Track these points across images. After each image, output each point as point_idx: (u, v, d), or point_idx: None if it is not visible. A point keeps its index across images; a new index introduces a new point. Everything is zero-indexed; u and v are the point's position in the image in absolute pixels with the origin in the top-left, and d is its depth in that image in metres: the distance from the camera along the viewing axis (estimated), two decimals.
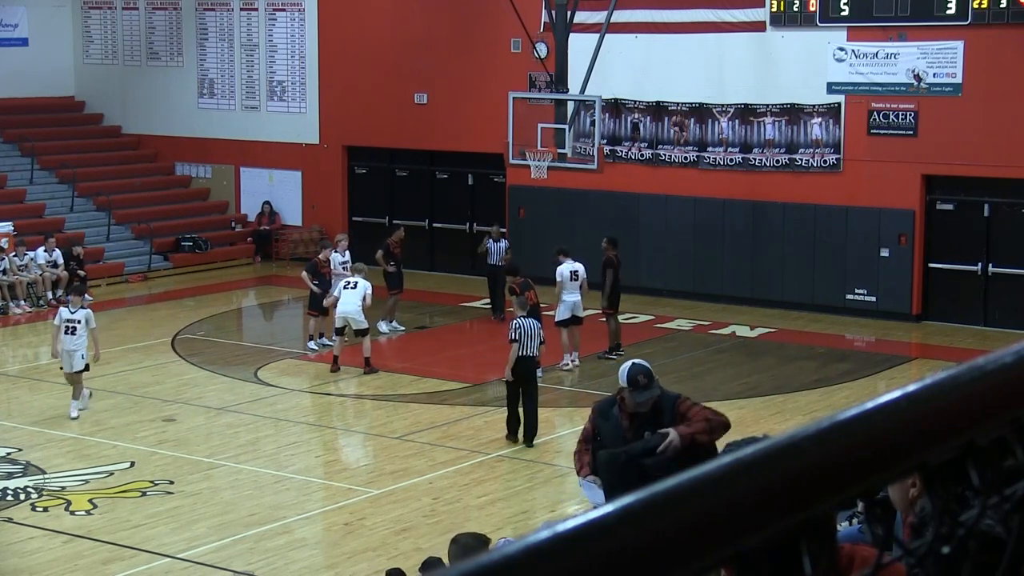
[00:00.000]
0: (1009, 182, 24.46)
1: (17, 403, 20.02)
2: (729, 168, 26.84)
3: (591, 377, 21.29)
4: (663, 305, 26.50)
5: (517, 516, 15.35)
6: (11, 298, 26.85)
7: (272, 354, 23.18)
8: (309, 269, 23.16)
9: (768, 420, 18.26)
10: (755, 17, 26.25)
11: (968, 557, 1.32)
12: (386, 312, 24.47)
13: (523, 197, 28.68)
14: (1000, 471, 1.34)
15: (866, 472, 1.27)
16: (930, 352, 23.40)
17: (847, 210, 25.66)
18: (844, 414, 1.27)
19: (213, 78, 33.53)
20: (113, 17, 34.87)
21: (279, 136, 32.46)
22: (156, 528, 14.79)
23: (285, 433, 18.67)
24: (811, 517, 1.20)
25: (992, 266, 25.02)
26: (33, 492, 16.02)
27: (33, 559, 13.92)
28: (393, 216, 30.64)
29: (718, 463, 1.18)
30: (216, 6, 33.29)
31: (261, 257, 32.17)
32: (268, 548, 14.16)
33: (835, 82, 25.68)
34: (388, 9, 30.52)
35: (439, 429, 18.60)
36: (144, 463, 17.06)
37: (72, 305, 19.26)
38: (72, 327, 18.88)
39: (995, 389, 1.37)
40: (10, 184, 31.38)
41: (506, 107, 25.57)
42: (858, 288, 25.76)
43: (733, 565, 1.18)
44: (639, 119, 27.66)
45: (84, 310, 19.23)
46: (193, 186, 34.05)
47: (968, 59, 24.45)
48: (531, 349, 17.52)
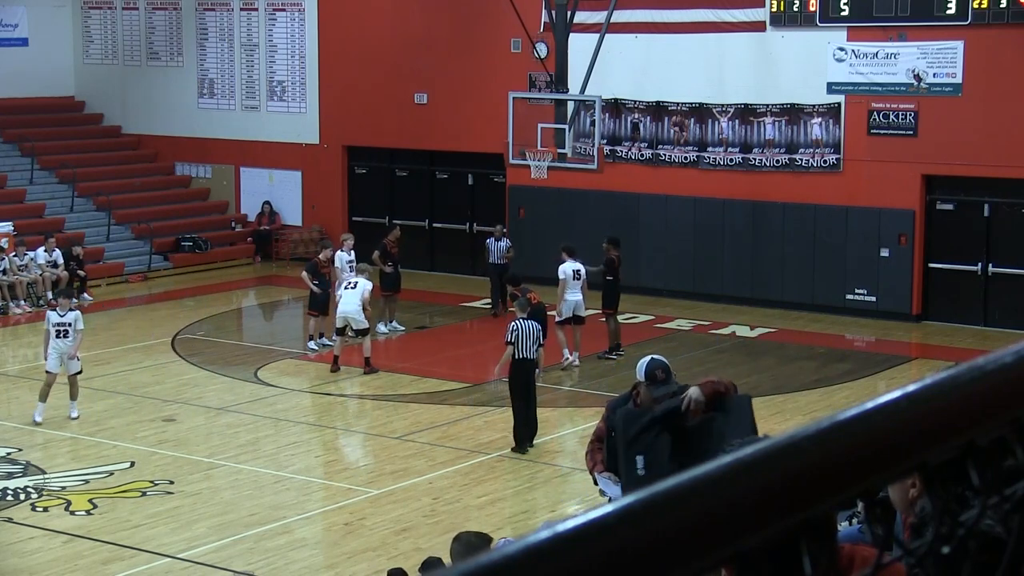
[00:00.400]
0: (1009, 182, 24.46)
1: (17, 403, 20.02)
2: (729, 168, 26.84)
3: (591, 377, 21.29)
4: (663, 305, 26.50)
5: (517, 516, 15.35)
6: (11, 298, 26.86)
7: (272, 354, 23.18)
8: (309, 269, 23.15)
9: (768, 420, 18.23)
10: (755, 17, 26.25)
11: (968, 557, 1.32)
12: (383, 313, 24.46)
13: (523, 197, 28.68)
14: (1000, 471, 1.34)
15: (866, 472, 1.27)
16: (930, 352, 23.40)
17: (847, 210, 25.66)
18: (844, 414, 1.28)
19: (213, 78, 33.54)
20: (113, 17, 34.87)
21: (279, 136, 32.46)
22: (156, 528, 14.79)
23: (285, 433, 18.67)
24: (811, 517, 1.20)
25: (992, 266, 25.02)
26: (33, 492, 16.02)
27: (33, 559, 13.92)
28: (393, 216, 30.64)
29: (718, 463, 1.18)
30: (216, 6, 33.29)
31: (261, 257, 32.17)
32: (268, 548, 14.16)
33: (835, 82, 25.69)
34: (388, 9, 30.52)
35: (439, 429, 18.60)
36: (144, 463, 17.06)
37: (61, 308, 19.02)
38: (64, 330, 18.76)
39: (995, 389, 1.37)
40: (10, 184, 31.39)
41: (506, 107, 25.58)
42: (858, 288, 25.76)
43: (733, 565, 1.18)
44: (639, 119, 27.67)
45: (73, 312, 19.07)
46: (193, 186, 34.05)
47: (968, 59, 24.45)
48: (528, 352, 17.45)
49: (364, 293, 21.47)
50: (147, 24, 34.37)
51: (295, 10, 32.10)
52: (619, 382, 19.93)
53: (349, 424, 20.04)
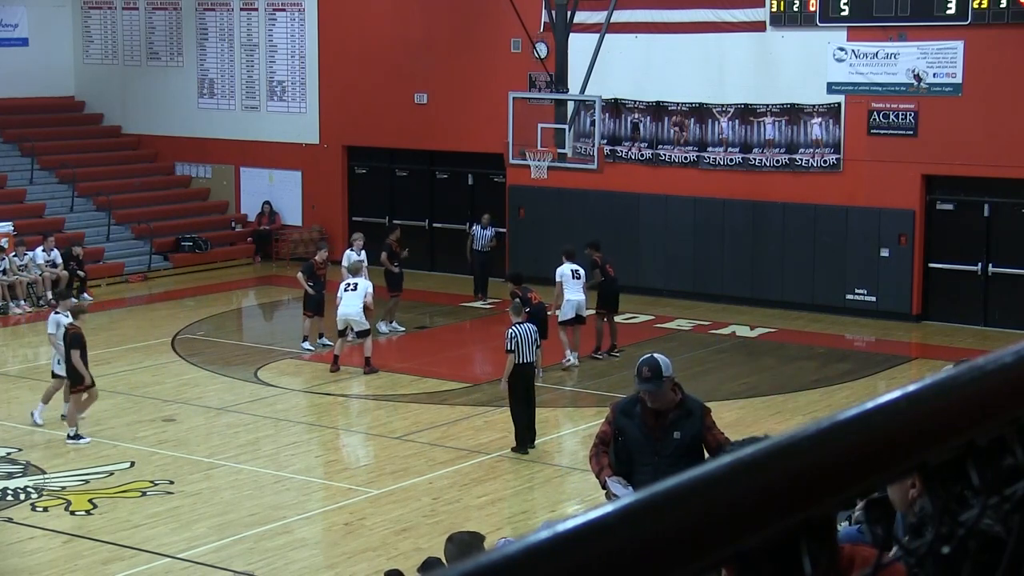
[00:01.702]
0: (1009, 182, 24.46)
1: (17, 403, 20.02)
2: (729, 168, 26.84)
3: (591, 377, 21.30)
4: (663, 305, 26.50)
5: (517, 516, 15.35)
6: (11, 298, 26.86)
7: (272, 354, 23.18)
8: (305, 270, 23.12)
9: (768, 420, 18.25)
10: (755, 17, 26.25)
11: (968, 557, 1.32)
12: (386, 313, 24.47)
13: (523, 197, 28.68)
14: (1000, 471, 1.34)
15: (866, 472, 1.27)
16: (930, 352, 23.39)
17: (847, 210, 25.66)
18: (844, 414, 1.28)
19: (213, 78, 33.54)
20: (113, 17, 34.87)
21: (279, 136, 32.46)
22: (156, 528, 14.79)
23: (285, 433, 18.67)
24: (811, 517, 1.20)
25: (992, 266, 25.02)
26: (33, 492, 16.02)
27: (33, 559, 13.92)
28: (393, 216, 30.65)
29: (718, 463, 1.18)
30: (216, 6, 33.29)
31: (261, 257, 32.17)
32: (268, 548, 14.16)
33: (835, 82, 25.69)
34: (388, 9, 30.52)
35: (439, 429, 18.60)
36: (144, 463, 17.06)
37: (63, 308, 18.95)
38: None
39: (995, 389, 1.37)
40: (10, 184, 31.39)
41: (506, 107, 25.58)
42: (858, 288, 25.76)
43: (733, 565, 1.18)
44: (639, 119, 27.66)
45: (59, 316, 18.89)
46: (193, 186, 34.05)
47: (968, 59, 24.45)
48: (528, 356, 17.42)
49: (366, 297, 21.44)
50: (147, 24, 34.37)
51: (295, 10, 32.10)
52: (619, 382, 19.95)
53: (349, 424, 20.04)
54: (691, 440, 9.42)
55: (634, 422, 9.46)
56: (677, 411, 9.42)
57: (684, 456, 9.29)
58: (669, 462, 9.22)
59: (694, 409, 9.54)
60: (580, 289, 21.80)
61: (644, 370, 9.35)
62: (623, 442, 9.49)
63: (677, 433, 9.38)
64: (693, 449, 9.43)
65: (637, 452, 9.43)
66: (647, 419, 9.43)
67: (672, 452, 9.33)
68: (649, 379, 9.31)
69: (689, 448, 9.40)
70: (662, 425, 9.40)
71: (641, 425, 9.43)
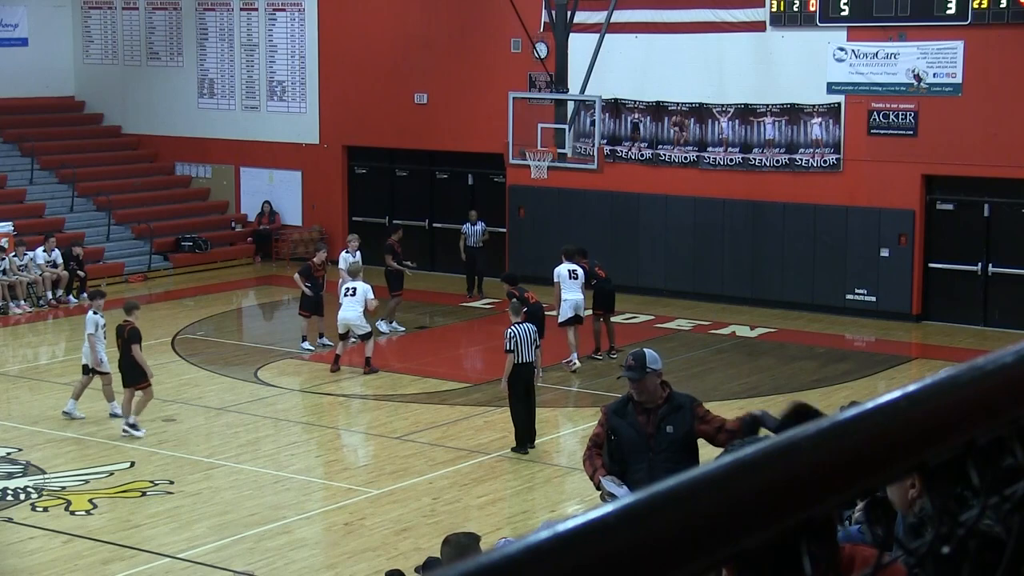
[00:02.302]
0: (1009, 182, 24.45)
1: (17, 403, 20.02)
2: (729, 168, 26.84)
3: (590, 377, 21.29)
4: (663, 305, 26.50)
5: (517, 516, 15.35)
6: (11, 298, 26.86)
7: (272, 354, 23.17)
8: (303, 271, 23.13)
9: None
10: (755, 17, 26.25)
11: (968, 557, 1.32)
12: (387, 313, 24.47)
13: (523, 197, 28.68)
14: (1000, 471, 1.34)
15: (866, 472, 1.27)
16: (930, 352, 23.40)
17: (847, 210, 25.66)
18: (844, 414, 1.28)
19: (213, 78, 33.54)
20: (113, 17, 34.87)
21: (279, 136, 32.46)
22: (156, 528, 14.79)
23: (285, 433, 18.68)
24: (811, 517, 1.21)
25: (992, 266, 25.02)
26: (33, 492, 16.02)
27: (33, 559, 13.92)
28: (393, 216, 30.65)
29: (718, 463, 1.18)
30: (216, 6, 33.29)
31: (261, 257, 32.17)
32: (268, 548, 14.16)
33: (835, 82, 25.68)
34: (388, 9, 30.52)
35: (439, 429, 18.60)
36: (144, 463, 17.06)
37: (97, 308, 19.24)
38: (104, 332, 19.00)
39: (995, 389, 1.37)
40: (10, 184, 31.38)
41: (506, 107, 25.59)
42: (858, 288, 25.76)
43: (733, 565, 1.18)
44: (639, 119, 27.66)
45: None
46: (193, 186, 34.05)
47: (968, 59, 24.45)
48: (527, 356, 17.43)
49: (367, 301, 21.41)
50: (147, 24, 34.37)
51: (295, 10, 32.10)
52: (619, 383, 19.91)
53: (349, 424, 20.04)
54: (684, 435, 9.48)
55: (626, 421, 9.53)
56: (666, 406, 9.51)
57: (678, 452, 9.37)
58: (663, 458, 9.31)
59: (683, 403, 9.60)
60: (578, 289, 21.77)
61: (628, 359, 9.57)
62: (617, 442, 9.54)
63: (670, 427, 9.45)
64: (687, 444, 9.51)
65: (631, 451, 9.49)
66: (638, 416, 9.50)
67: (666, 448, 9.41)
68: (632, 367, 9.45)
69: (683, 443, 9.47)
70: (653, 421, 9.46)
71: (634, 423, 9.49)
